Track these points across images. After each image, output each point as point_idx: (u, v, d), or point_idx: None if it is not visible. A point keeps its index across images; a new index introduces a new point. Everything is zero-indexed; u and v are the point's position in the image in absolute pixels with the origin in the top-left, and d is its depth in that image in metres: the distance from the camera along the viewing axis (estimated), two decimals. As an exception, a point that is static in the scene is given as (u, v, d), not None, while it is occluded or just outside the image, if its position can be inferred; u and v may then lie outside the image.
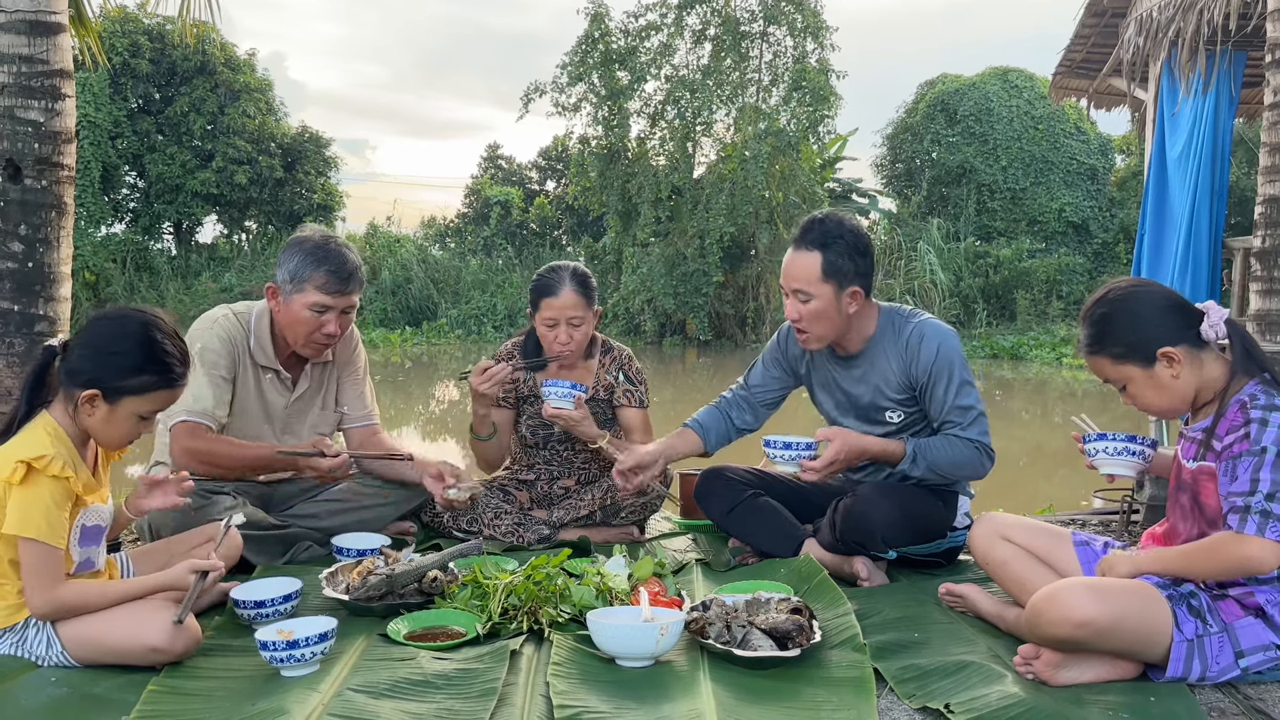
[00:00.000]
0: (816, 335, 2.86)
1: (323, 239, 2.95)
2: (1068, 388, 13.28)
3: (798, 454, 2.71)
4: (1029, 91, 19.98)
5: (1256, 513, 1.96)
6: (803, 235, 2.83)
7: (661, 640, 2.13)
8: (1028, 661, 2.09)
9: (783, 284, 2.87)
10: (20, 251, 3.89)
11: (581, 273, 3.24)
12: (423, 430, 10.56)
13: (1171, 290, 2.24)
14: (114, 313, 2.21)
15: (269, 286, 2.96)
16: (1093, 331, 2.21)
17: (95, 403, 2.12)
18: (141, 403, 2.15)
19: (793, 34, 17.22)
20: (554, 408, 3.07)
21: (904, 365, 2.85)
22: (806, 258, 2.79)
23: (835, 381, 2.99)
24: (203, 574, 2.19)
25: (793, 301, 2.82)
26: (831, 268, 2.77)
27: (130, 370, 2.12)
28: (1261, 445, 1.99)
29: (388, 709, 1.92)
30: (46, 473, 2.04)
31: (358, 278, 2.94)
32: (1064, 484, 7.09)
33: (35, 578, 2.06)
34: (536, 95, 17.65)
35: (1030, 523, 2.53)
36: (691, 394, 12.65)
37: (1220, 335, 2.12)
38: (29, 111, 3.89)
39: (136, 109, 19.58)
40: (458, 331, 18.93)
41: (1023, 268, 18.25)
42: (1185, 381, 2.14)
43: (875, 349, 2.90)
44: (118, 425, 2.16)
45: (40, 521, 2.03)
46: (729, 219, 16.66)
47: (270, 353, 3.00)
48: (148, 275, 19.09)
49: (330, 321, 2.92)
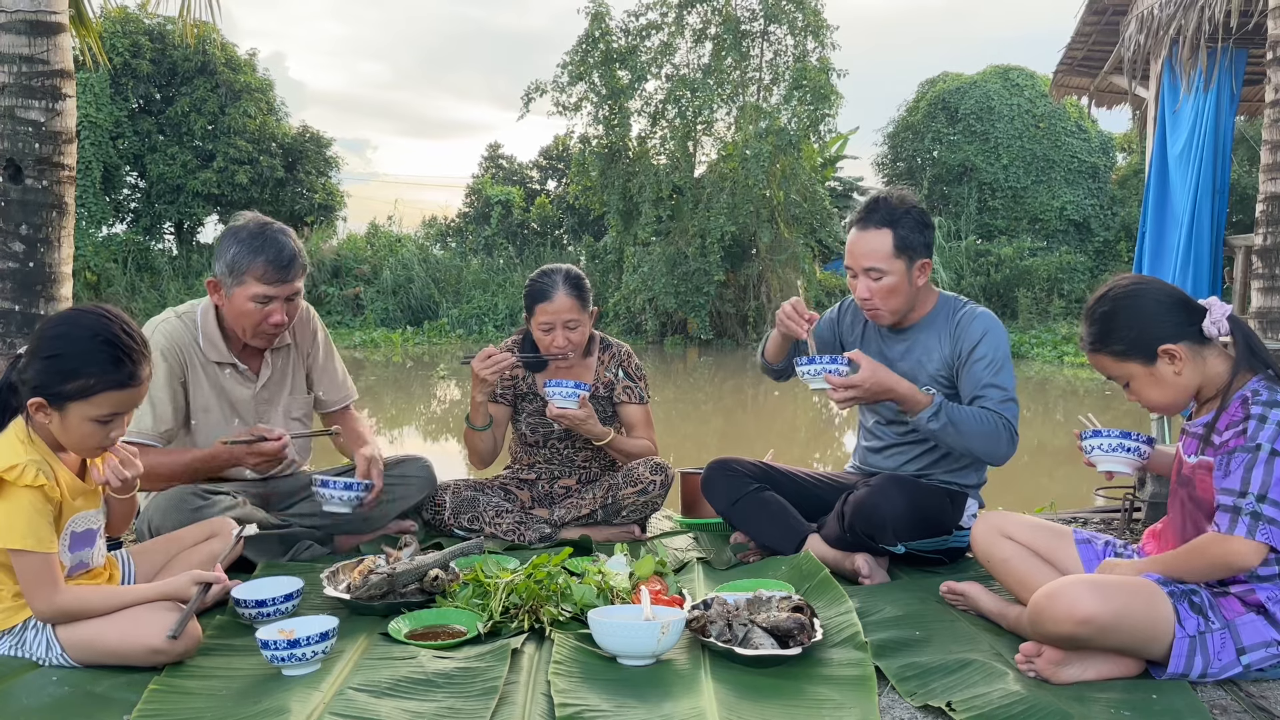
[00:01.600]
0: (890, 309, 2.89)
1: (258, 226, 2.86)
2: (1069, 386, 13.28)
3: (824, 367, 2.69)
4: (1030, 90, 19.99)
5: (1247, 514, 1.97)
6: (868, 215, 2.87)
7: (663, 639, 2.12)
8: (1029, 659, 2.09)
9: (850, 264, 2.89)
10: (21, 251, 3.90)
11: (575, 275, 3.24)
12: (423, 429, 10.56)
13: (1173, 287, 2.23)
14: (61, 315, 2.11)
15: (210, 280, 2.88)
16: (1095, 329, 2.20)
17: (45, 411, 2.03)
18: (88, 407, 2.03)
19: (793, 33, 17.23)
20: (558, 408, 3.07)
21: (952, 342, 2.89)
22: (877, 236, 2.83)
23: (881, 352, 3.01)
24: (205, 586, 2.17)
25: (863, 280, 2.85)
26: (903, 243, 2.82)
27: (68, 374, 2.01)
28: (1257, 442, 1.99)
29: (389, 708, 1.91)
30: (19, 483, 2.00)
31: (298, 263, 2.85)
32: (1066, 482, 7.09)
33: (33, 585, 2.04)
34: (537, 94, 17.67)
35: (1032, 520, 2.53)
36: (693, 393, 12.65)
37: (1223, 331, 2.11)
38: (30, 111, 3.89)
39: (137, 109, 19.60)
40: (459, 331, 18.94)
41: (1024, 266, 18.25)
42: (1187, 378, 2.13)
43: (928, 325, 2.95)
44: (74, 431, 2.06)
45: (24, 530, 2.00)
46: (730, 218, 16.67)
47: (223, 348, 2.94)
48: (149, 275, 19.11)
49: (275, 311, 2.84)
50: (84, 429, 2.06)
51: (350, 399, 3.25)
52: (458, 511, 3.22)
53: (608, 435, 3.20)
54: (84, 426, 2.05)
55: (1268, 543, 1.96)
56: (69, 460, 2.15)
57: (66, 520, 2.12)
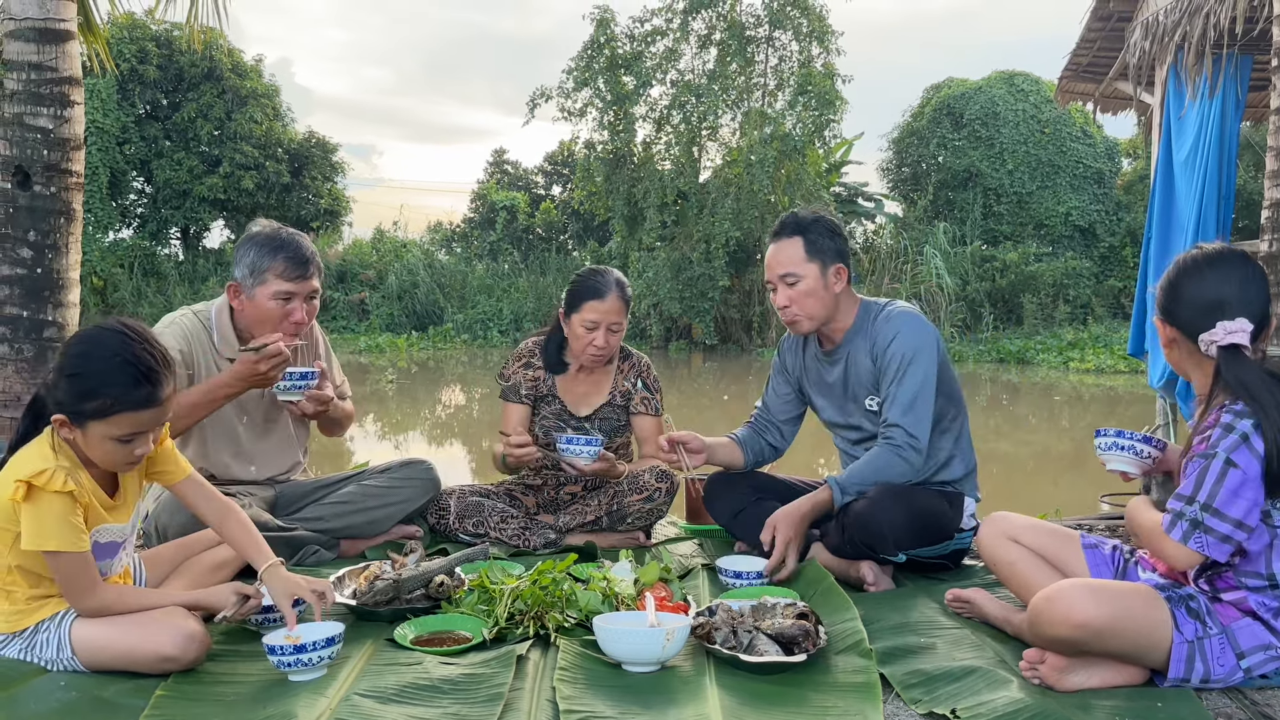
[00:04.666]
0: (808, 315, 2.94)
1: (273, 230, 2.98)
2: (1074, 392, 13.25)
3: (749, 581, 2.76)
4: (1035, 95, 19.96)
5: (1188, 520, 1.98)
6: (780, 229, 2.98)
7: (667, 645, 2.13)
8: (1033, 666, 2.09)
9: (768, 276, 2.97)
10: (29, 257, 3.92)
11: (624, 280, 3.30)
12: (429, 435, 10.57)
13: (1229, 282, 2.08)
14: (84, 334, 2.11)
15: (230, 285, 2.97)
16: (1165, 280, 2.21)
17: (68, 428, 2.05)
18: (108, 427, 2.03)
19: (798, 38, 17.25)
20: (587, 466, 3.06)
21: (871, 348, 2.93)
22: (788, 244, 2.93)
23: (822, 378, 3.08)
24: (244, 598, 2.21)
25: (780, 289, 2.93)
26: (813, 247, 2.91)
27: (87, 394, 2.01)
28: (1215, 450, 1.98)
29: (394, 714, 1.92)
30: (48, 489, 2.01)
31: (315, 262, 2.96)
32: (1071, 488, 7.08)
33: (72, 585, 2.07)
34: (542, 100, 17.71)
35: (1039, 524, 2.52)
36: (698, 399, 12.65)
37: (1210, 355, 2.07)
38: (38, 118, 3.91)
39: (144, 115, 19.68)
40: (464, 336, 18.96)
41: (1029, 272, 18.22)
42: (1174, 356, 2.19)
43: (852, 338, 2.99)
44: (97, 448, 2.07)
45: (55, 532, 2.02)
46: (734, 223, 16.68)
47: (236, 346, 2.98)
48: (155, 280, 19.18)
49: (297, 309, 2.93)
50: (105, 447, 2.07)
51: (345, 397, 3.30)
52: (463, 517, 3.22)
53: (625, 471, 3.24)
54: (105, 445, 2.06)
55: (1201, 552, 1.97)
56: (98, 475, 2.16)
57: (91, 530, 2.12)
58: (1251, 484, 1.96)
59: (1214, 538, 1.97)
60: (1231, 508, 1.96)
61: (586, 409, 3.36)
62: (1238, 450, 1.96)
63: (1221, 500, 1.96)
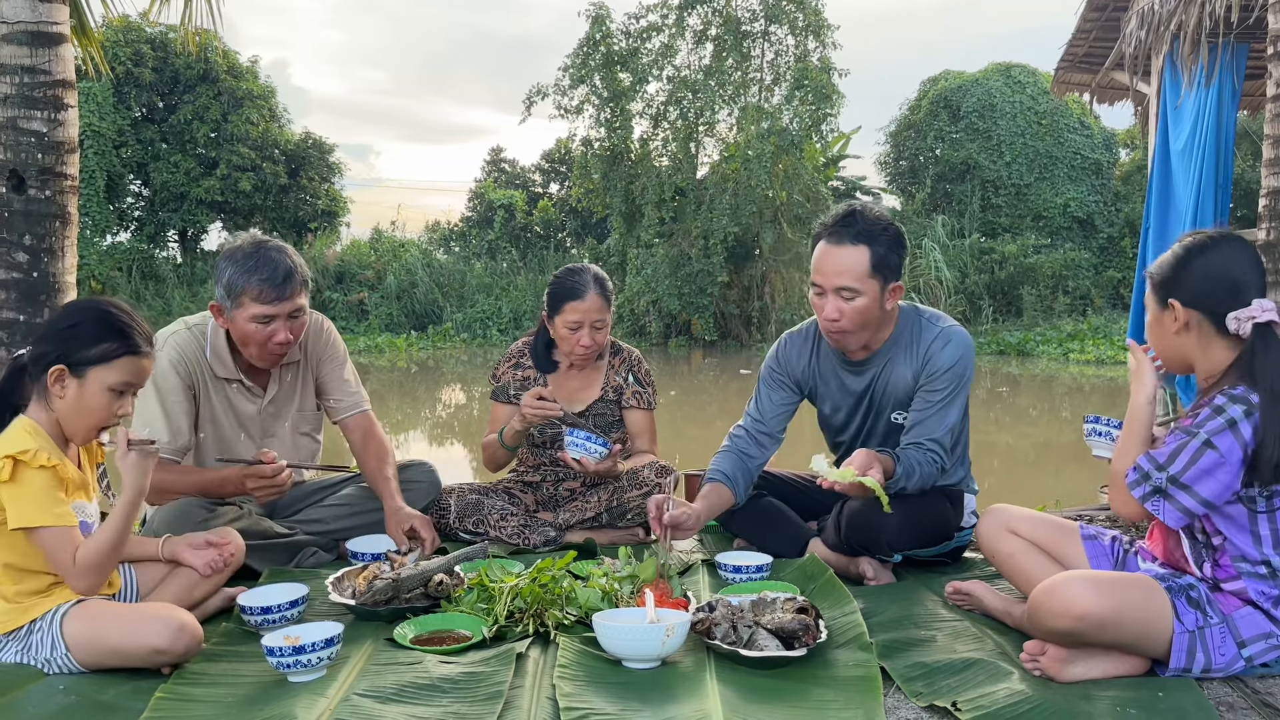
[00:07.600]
0: (856, 335, 2.69)
1: (252, 246, 2.81)
2: (1074, 383, 13.25)
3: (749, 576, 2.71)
4: (1032, 87, 19.96)
5: (1152, 485, 2.02)
6: (842, 228, 2.63)
7: (667, 641, 2.12)
8: (1034, 658, 2.09)
9: (819, 281, 2.65)
10: (25, 261, 3.91)
11: (601, 275, 3.27)
12: (429, 434, 10.57)
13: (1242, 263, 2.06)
14: (75, 302, 2.25)
15: (212, 305, 2.85)
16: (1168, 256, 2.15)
17: (64, 381, 2.14)
18: (108, 372, 2.15)
19: (794, 33, 17.22)
20: (593, 464, 3.03)
21: (922, 363, 2.73)
22: (853, 252, 2.60)
23: (843, 385, 2.88)
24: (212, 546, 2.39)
25: (833, 300, 2.63)
26: (880, 262, 2.60)
27: (90, 339, 2.14)
28: (1198, 430, 1.98)
29: (394, 713, 1.92)
30: (33, 464, 2.08)
31: (295, 280, 2.78)
32: (1071, 480, 7.08)
33: (62, 560, 2.11)
34: (539, 98, 17.69)
35: (1038, 516, 2.51)
36: (697, 395, 12.65)
37: (1243, 333, 2.02)
38: (32, 122, 3.90)
39: (140, 117, 19.64)
40: (463, 335, 18.96)
41: (1028, 263, 18.22)
42: (1181, 342, 2.10)
43: (891, 348, 2.78)
44: (89, 401, 2.15)
45: (43, 506, 2.08)
46: (733, 219, 16.66)
47: (230, 364, 2.91)
48: (153, 283, 19.15)
49: (279, 330, 2.78)
50: (99, 400, 2.15)
51: (360, 408, 3.16)
52: (462, 515, 3.22)
53: (622, 470, 3.23)
54: (100, 396, 2.15)
55: (1156, 514, 2.03)
56: (71, 455, 2.22)
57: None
58: (1228, 468, 1.96)
59: (1173, 506, 2.00)
60: (1200, 486, 1.98)
61: (579, 406, 3.36)
62: (1221, 434, 1.96)
63: (1190, 477, 1.98)
